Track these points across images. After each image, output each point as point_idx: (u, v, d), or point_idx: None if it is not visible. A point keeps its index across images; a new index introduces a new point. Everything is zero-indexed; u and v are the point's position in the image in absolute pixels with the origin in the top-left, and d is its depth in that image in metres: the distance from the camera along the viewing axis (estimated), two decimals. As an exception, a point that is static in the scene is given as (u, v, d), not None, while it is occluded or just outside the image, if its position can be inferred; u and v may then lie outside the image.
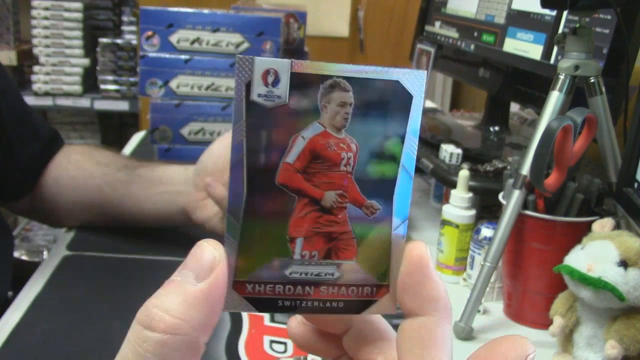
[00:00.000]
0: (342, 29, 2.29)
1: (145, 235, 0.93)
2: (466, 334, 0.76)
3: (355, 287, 0.29)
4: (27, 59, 2.56)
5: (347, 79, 0.27)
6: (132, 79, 2.52)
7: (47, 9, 2.46)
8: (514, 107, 1.33)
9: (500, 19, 1.08)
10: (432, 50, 1.28)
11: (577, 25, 0.79)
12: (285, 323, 0.76)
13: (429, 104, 1.45)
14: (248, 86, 0.26)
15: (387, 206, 0.29)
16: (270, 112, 0.27)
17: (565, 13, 0.94)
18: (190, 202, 0.87)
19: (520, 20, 1.03)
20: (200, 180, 0.86)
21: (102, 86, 2.54)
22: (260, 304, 0.28)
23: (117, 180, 0.92)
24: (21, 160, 0.92)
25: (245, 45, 1.12)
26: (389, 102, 0.28)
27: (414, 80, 0.28)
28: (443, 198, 1.14)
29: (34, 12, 2.46)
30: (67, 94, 2.52)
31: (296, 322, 0.33)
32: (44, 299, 0.78)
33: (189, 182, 0.88)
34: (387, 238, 0.29)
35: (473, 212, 0.89)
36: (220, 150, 0.85)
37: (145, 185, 0.91)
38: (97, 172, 0.93)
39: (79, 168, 0.94)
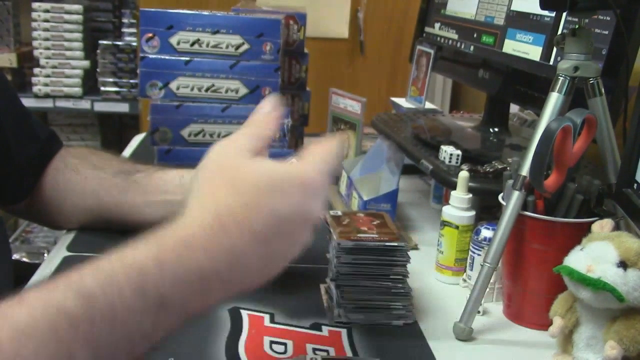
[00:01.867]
0: (342, 30, 2.29)
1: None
2: (466, 334, 0.76)
3: None
4: (28, 61, 2.56)
5: None
6: (132, 81, 2.53)
7: (47, 11, 2.47)
8: (514, 108, 1.33)
9: (500, 20, 1.09)
10: (432, 51, 1.29)
11: (577, 26, 0.79)
12: (285, 324, 0.76)
13: (429, 105, 1.45)
14: None
15: None
16: None
17: (564, 14, 0.94)
18: None
19: (520, 21, 1.04)
20: None
21: (103, 88, 2.54)
22: None
23: (113, 186, 0.92)
24: (19, 163, 0.92)
25: (245, 46, 1.12)
26: None
27: None
28: (443, 199, 1.14)
29: (34, 15, 2.46)
30: (68, 96, 2.52)
31: None
32: (44, 300, 0.78)
33: (184, 189, 0.87)
34: None
35: (473, 213, 0.89)
36: None
37: (142, 192, 0.91)
38: (93, 177, 0.93)
39: (75, 172, 0.94)
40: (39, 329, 0.47)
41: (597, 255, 0.66)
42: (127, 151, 1.44)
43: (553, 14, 0.96)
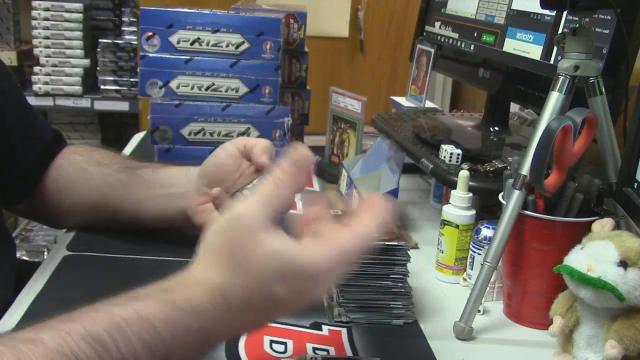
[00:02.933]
0: (342, 29, 2.29)
1: (145, 236, 0.93)
2: (466, 333, 0.76)
3: None
4: (28, 59, 2.56)
5: None
6: (132, 80, 2.52)
7: (47, 9, 2.46)
8: (514, 107, 1.33)
9: (500, 19, 1.09)
10: (432, 50, 1.28)
11: (577, 25, 0.79)
12: (285, 323, 0.76)
13: (429, 104, 1.45)
14: None
15: None
16: None
17: (565, 13, 0.94)
18: (191, 206, 0.87)
19: (520, 20, 1.04)
20: (202, 184, 0.86)
21: (103, 86, 2.54)
22: None
23: (117, 181, 0.92)
24: (23, 164, 0.92)
25: (246, 45, 1.12)
26: None
27: None
28: (443, 198, 1.14)
29: (34, 13, 2.46)
30: (68, 95, 2.52)
31: None
32: (44, 299, 0.78)
33: (190, 184, 0.87)
34: None
35: (473, 212, 0.89)
36: (224, 156, 0.84)
37: (146, 186, 0.91)
38: (97, 173, 0.93)
39: (78, 169, 0.94)
40: None
41: (597, 254, 0.66)
42: (127, 150, 1.44)
43: (553, 13, 0.96)
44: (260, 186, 0.55)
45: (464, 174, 0.89)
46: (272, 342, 0.72)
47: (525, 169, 0.76)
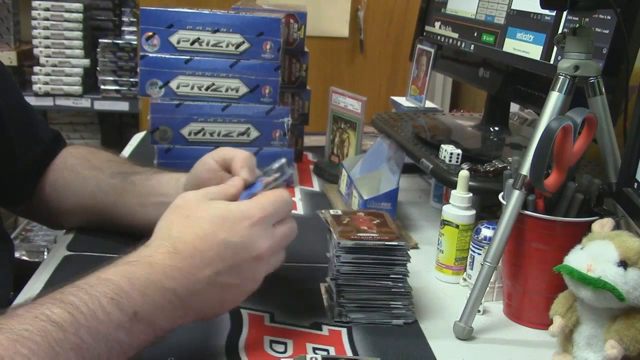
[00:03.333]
0: (342, 29, 2.29)
1: (145, 236, 0.93)
2: (466, 333, 0.76)
3: None
4: (28, 59, 2.56)
5: None
6: (132, 80, 2.52)
7: (47, 9, 2.47)
8: (514, 107, 1.33)
9: (500, 19, 1.09)
10: (432, 50, 1.28)
11: (577, 25, 0.79)
12: (285, 323, 0.76)
13: (429, 104, 1.45)
14: None
15: None
16: None
17: (565, 13, 0.94)
18: None
19: (520, 20, 1.04)
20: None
21: (103, 86, 2.54)
22: None
23: (110, 187, 0.91)
24: (22, 166, 0.92)
25: (246, 45, 1.12)
26: None
27: None
28: (443, 198, 1.14)
29: (34, 13, 2.46)
30: (68, 95, 2.52)
31: None
32: (44, 299, 0.78)
33: (181, 191, 0.86)
34: None
35: (473, 212, 0.89)
36: (204, 170, 0.81)
37: (138, 193, 0.90)
38: (91, 178, 0.93)
39: (74, 173, 0.94)
40: (31, 336, 0.51)
41: (597, 254, 0.66)
42: (127, 150, 1.44)
43: (553, 13, 0.96)
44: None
45: (464, 174, 0.89)
46: (272, 342, 0.72)
47: (525, 169, 0.76)
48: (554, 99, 0.78)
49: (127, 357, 0.58)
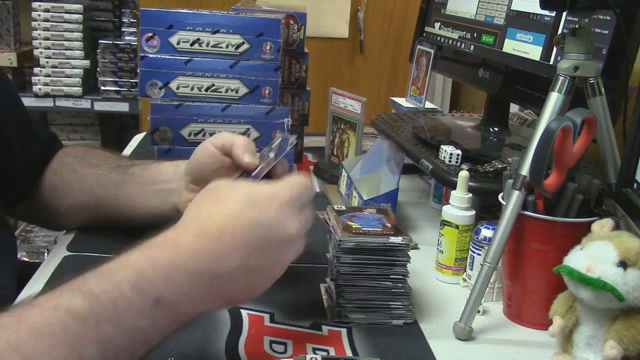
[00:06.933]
0: (342, 30, 2.29)
1: (145, 236, 0.93)
2: (466, 334, 0.76)
3: None
4: (28, 60, 2.56)
5: None
6: (132, 80, 2.53)
7: (47, 10, 2.47)
8: (514, 107, 1.33)
9: (500, 20, 1.09)
10: (432, 51, 1.29)
11: (577, 26, 0.79)
12: (285, 323, 0.76)
13: (429, 105, 1.45)
14: None
15: None
16: None
17: (564, 14, 0.94)
18: (182, 202, 0.86)
19: (520, 21, 1.04)
20: (189, 181, 0.85)
21: (103, 87, 2.54)
22: None
23: (109, 181, 0.91)
24: (20, 167, 0.92)
25: (246, 46, 1.12)
26: None
27: None
28: (443, 199, 1.14)
29: (34, 14, 2.47)
30: (68, 96, 2.52)
31: None
32: (44, 299, 0.78)
33: (180, 180, 0.87)
34: None
35: (473, 212, 0.89)
36: (205, 156, 0.82)
37: (138, 183, 0.90)
38: (90, 175, 0.93)
39: (72, 171, 0.94)
40: (51, 329, 0.50)
41: (597, 254, 0.66)
42: (127, 151, 1.44)
43: (553, 14, 0.96)
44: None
45: (463, 174, 0.89)
46: (272, 342, 0.72)
47: (525, 170, 0.76)
48: (554, 99, 0.78)
49: (150, 345, 0.56)
